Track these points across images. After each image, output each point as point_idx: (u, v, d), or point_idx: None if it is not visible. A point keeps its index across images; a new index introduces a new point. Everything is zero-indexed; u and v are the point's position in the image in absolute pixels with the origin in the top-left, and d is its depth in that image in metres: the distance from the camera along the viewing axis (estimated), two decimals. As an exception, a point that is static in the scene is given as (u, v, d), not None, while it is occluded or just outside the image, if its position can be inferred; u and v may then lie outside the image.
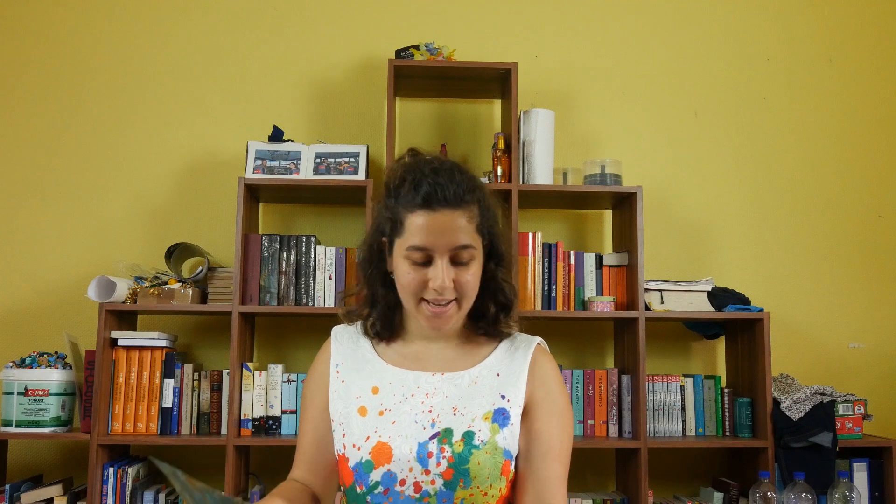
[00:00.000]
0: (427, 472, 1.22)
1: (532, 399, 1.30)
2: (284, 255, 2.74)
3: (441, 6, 3.19)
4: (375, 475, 1.24)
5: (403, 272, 1.26)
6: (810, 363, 3.06)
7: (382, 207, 1.32)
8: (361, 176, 2.78)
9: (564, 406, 1.31)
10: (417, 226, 1.23)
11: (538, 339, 1.38)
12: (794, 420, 2.66)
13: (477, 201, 1.28)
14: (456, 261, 1.25)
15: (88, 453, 2.59)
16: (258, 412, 2.68)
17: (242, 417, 2.67)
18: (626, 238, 2.87)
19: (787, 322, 3.06)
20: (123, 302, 2.69)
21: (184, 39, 3.13)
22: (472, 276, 1.26)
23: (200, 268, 2.76)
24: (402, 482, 1.22)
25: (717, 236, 3.13)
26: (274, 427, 2.69)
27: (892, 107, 3.24)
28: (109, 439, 2.61)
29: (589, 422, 2.77)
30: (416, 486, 1.22)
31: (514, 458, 1.27)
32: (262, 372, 2.71)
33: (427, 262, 1.25)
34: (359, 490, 1.25)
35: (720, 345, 3.07)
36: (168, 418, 2.68)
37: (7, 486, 2.58)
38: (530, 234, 2.82)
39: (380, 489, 1.23)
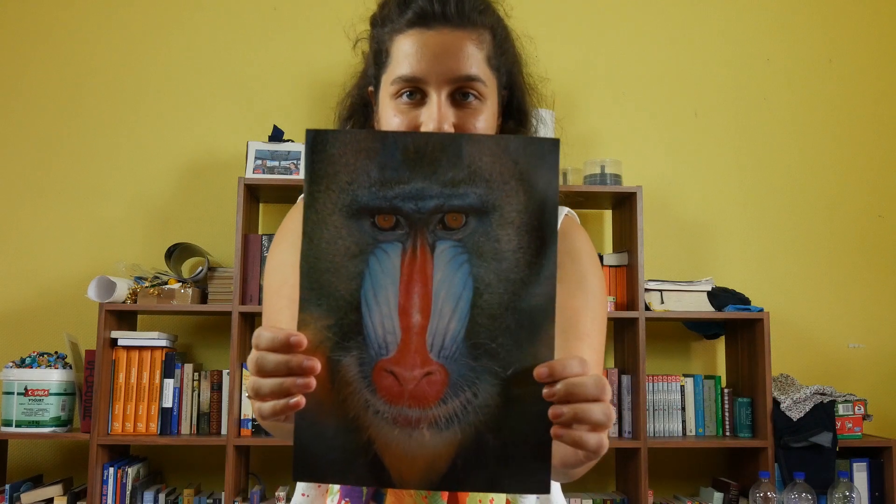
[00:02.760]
0: None
1: (558, 273, 1.13)
2: (284, 255, 2.74)
3: (441, 6, 3.18)
4: None
5: (388, 117, 0.96)
6: (810, 363, 3.06)
7: (368, 43, 1.04)
8: (361, 176, 2.78)
9: (595, 285, 1.05)
10: (406, 49, 0.94)
11: (566, 209, 1.14)
12: (794, 420, 2.66)
13: (490, 27, 0.99)
14: (459, 100, 0.95)
15: (88, 453, 2.59)
16: (258, 412, 2.68)
17: (242, 417, 2.67)
18: (626, 238, 2.87)
19: (787, 322, 3.06)
20: (123, 302, 2.69)
21: (184, 39, 3.13)
22: (480, 125, 0.96)
23: (200, 268, 2.76)
24: None
25: (717, 236, 3.13)
26: (274, 427, 2.69)
27: (892, 107, 3.24)
28: (109, 439, 2.61)
29: (589, 422, 2.77)
30: None
31: None
32: (262, 372, 2.70)
33: (420, 102, 0.95)
34: None
35: (720, 345, 3.07)
36: (168, 418, 2.68)
37: (7, 486, 2.58)
38: (530, 234, 2.81)
39: None
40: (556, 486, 1.19)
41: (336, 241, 0.65)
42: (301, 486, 1.21)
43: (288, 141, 2.87)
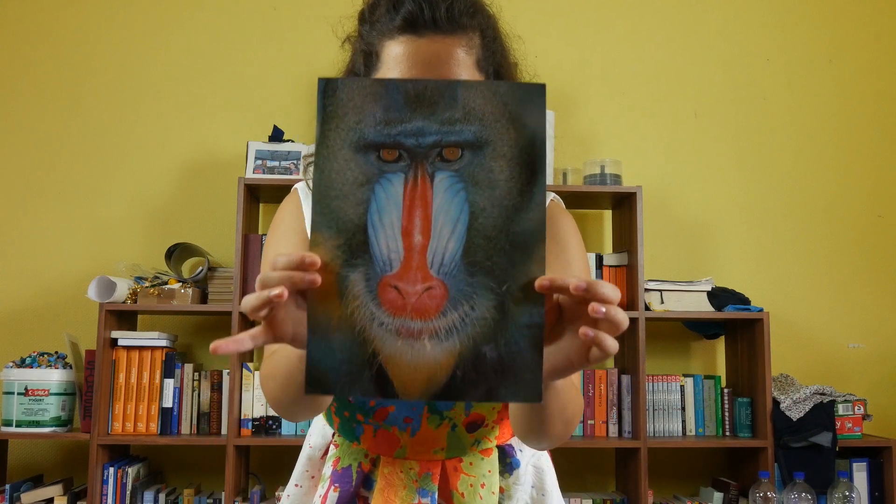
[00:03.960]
0: None
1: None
2: (284, 255, 2.74)
3: (441, 6, 3.18)
4: None
5: None
6: (810, 363, 3.06)
7: (355, 41, 1.06)
8: (361, 176, 2.78)
9: (582, 269, 1.10)
10: (396, 56, 0.96)
11: (552, 194, 1.16)
12: (794, 420, 2.66)
13: (479, 29, 1.01)
14: None
15: (88, 453, 2.59)
16: (258, 412, 2.69)
17: (242, 417, 2.67)
18: (625, 238, 2.87)
19: (787, 322, 3.06)
20: (123, 302, 2.69)
21: (184, 40, 3.13)
22: None
23: (200, 268, 2.76)
24: None
25: (717, 236, 3.13)
26: (274, 427, 2.69)
27: (892, 107, 3.24)
28: (109, 439, 2.61)
29: (589, 422, 2.77)
30: None
31: None
32: (262, 372, 2.71)
33: None
34: None
35: (720, 345, 3.07)
36: (168, 418, 2.68)
37: (7, 486, 2.59)
38: (530, 234, 2.81)
39: None
40: (554, 486, 1.17)
41: (345, 171, 0.71)
42: (294, 477, 1.20)
43: (288, 141, 2.87)
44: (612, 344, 0.71)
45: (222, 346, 0.72)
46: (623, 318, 0.71)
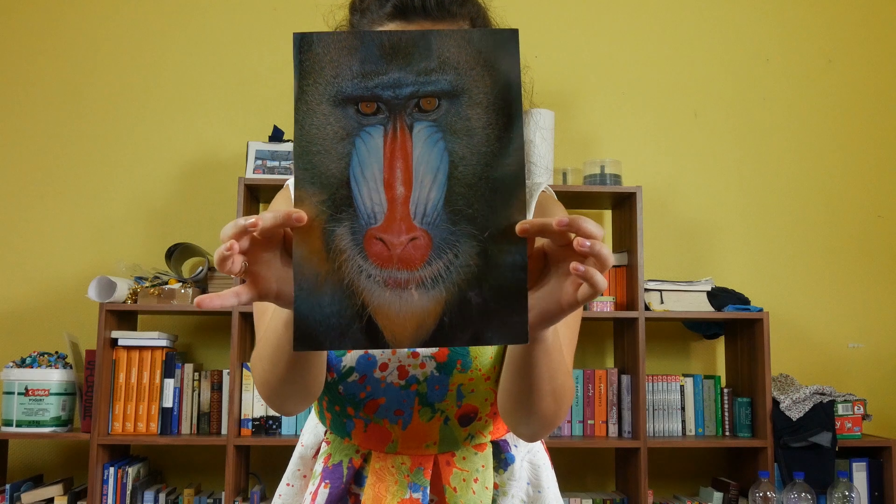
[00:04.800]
0: (415, 354, 1.02)
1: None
2: (284, 255, 2.74)
3: (441, 6, 3.19)
4: (348, 359, 1.03)
5: None
6: (810, 363, 3.06)
7: (346, 29, 1.06)
8: (361, 176, 2.78)
9: None
10: None
11: (543, 184, 1.15)
12: (794, 420, 2.66)
13: (469, 17, 1.02)
14: None
15: (89, 453, 2.59)
16: (258, 412, 2.69)
17: (242, 417, 2.67)
18: (625, 238, 2.87)
19: (787, 322, 3.06)
20: (123, 302, 2.69)
21: (184, 40, 3.14)
22: None
23: (200, 268, 2.76)
24: (383, 366, 1.03)
25: (717, 236, 3.13)
26: (274, 427, 2.69)
27: (891, 107, 3.24)
28: (109, 439, 2.61)
29: (589, 422, 2.77)
30: (401, 370, 1.03)
31: None
32: (263, 372, 2.71)
33: None
34: (329, 378, 1.04)
35: (720, 345, 3.07)
36: (168, 418, 2.68)
37: (7, 486, 2.59)
38: (530, 234, 2.82)
39: (354, 376, 1.03)
40: (551, 482, 1.15)
41: (325, 126, 0.72)
42: (286, 477, 1.20)
43: (288, 141, 2.87)
44: (602, 279, 0.71)
45: (206, 300, 0.72)
46: (608, 253, 0.71)
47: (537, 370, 0.88)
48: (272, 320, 0.89)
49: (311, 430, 1.19)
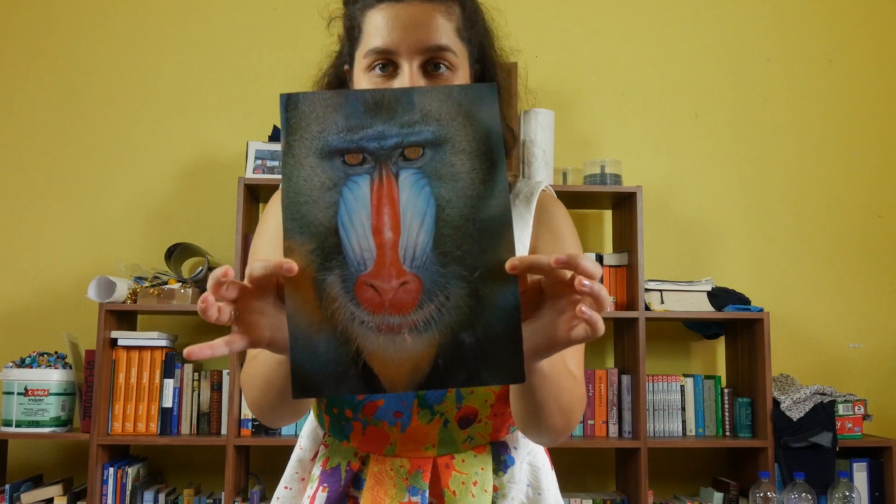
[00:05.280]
0: None
1: (538, 252, 1.07)
2: (284, 255, 2.74)
3: (441, 6, 3.18)
4: None
5: None
6: (810, 363, 3.06)
7: (342, 21, 1.08)
8: (361, 176, 2.78)
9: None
10: (377, 22, 0.98)
11: (543, 183, 1.14)
12: (794, 420, 2.66)
13: (459, 1, 1.02)
14: (431, 72, 0.99)
15: (88, 453, 2.59)
16: (258, 412, 2.68)
17: (242, 417, 2.67)
18: (626, 238, 2.87)
19: (787, 322, 3.06)
20: (123, 302, 2.69)
21: (184, 40, 3.13)
22: None
23: (200, 268, 2.76)
24: None
25: (717, 236, 3.13)
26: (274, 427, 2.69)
27: (892, 107, 3.24)
28: (109, 439, 2.61)
29: (589, 422, 2.77)
30: None
31: None
32: (262, 372, 2.70)
33: (392, 74, 0.99)
34: None
35: (720, 345, 3.07)
36: (168, 418, 2.68)
37: (7, 486, 2.59)
38: (530, 234, 2.81)
39: None
40: (551, 484, 1.14)
41: (312, 178, 0.73)
42: (284, 480, 1.19)
43: (288, 141, 2.87)
44: (601, 323, 0.71)
45: (196, 350, 0.71)
46: (606, 294, 0.71)
47: (540, 394, 0.88)
48: (263, 352, 0.89)
49: (309, 433, 1.18)
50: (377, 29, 0.98)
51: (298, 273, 0.71)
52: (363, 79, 1.01)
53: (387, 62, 0.99)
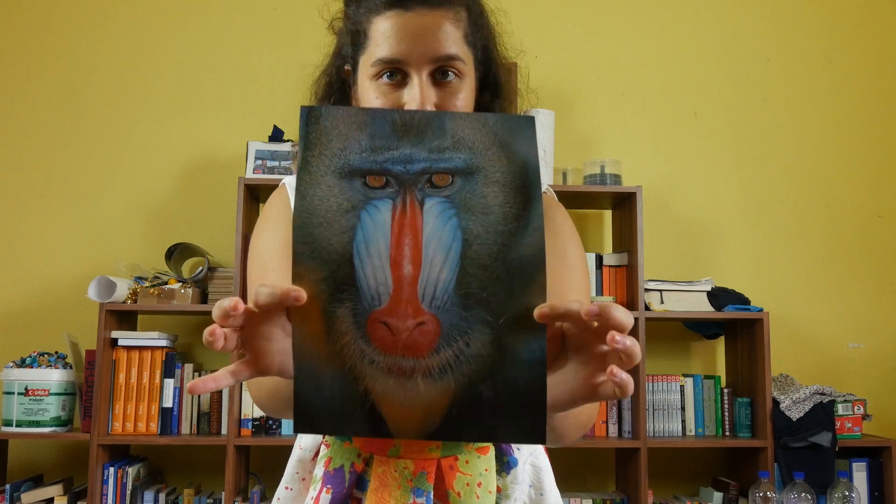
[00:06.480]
0: None
1: None
2: (284, 255, 2.74)
3: (441, 6, 3.18)
4: None
5: (370, 99, 0.97)
6: (810, 363, 3.06)
7: (342, 23, 1.05)
8: (361, 176, 2.78)
9: (577, 258, 1.06)
10: (385, 31, 0.95)
11: (543, 184, 1.16)
12: (794, 420, 2.66)
13: (465, 4, 1.00)
14: (439, 80, 0.97)
15: (88, 453, 2.59)
16: (258, 412, 2.68)
17: (243, 417, 2.67)
18: (625, 238, 2.87)
19: (787, 322, 3.06)
20: (123, 302, 2.69)
21: (184, 40, 3.13)
22: (461, 102, 0.98)
23: (200, 268, 2.76)
24: None
25: (717, 236, 3.13)
26: (274, 427, 2.69)
27: (891, 107, 3.24)
28: (109, 439, 2.61)
29: (589, 422, 2.77)
30: None
31: None
32: (262, 372, 2.71)
33: (401, 83, 0.97)
34: None
35: (720, 345, 3.07)
36: (168, 418, 2.68)
37: (7, 486, 2.59)
38: (530, 234, 2.81)
39: None
40: (553, 485, 1.15)
41: (328, 198, 0.67)
42: (284, 480, 1.19)
43: (288, 141, 2.87)
44: (632, 385, 0.65)
45: (199, 384, 0.68)
46: (638, 350, 0.65)
47: (561, 425, 0.90)
48: None
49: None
50: (385, 38, 0.95)
51: (307, 303, 0.65)
52: (369, 87, 0.98)
53: (395, 71, 0.96)
